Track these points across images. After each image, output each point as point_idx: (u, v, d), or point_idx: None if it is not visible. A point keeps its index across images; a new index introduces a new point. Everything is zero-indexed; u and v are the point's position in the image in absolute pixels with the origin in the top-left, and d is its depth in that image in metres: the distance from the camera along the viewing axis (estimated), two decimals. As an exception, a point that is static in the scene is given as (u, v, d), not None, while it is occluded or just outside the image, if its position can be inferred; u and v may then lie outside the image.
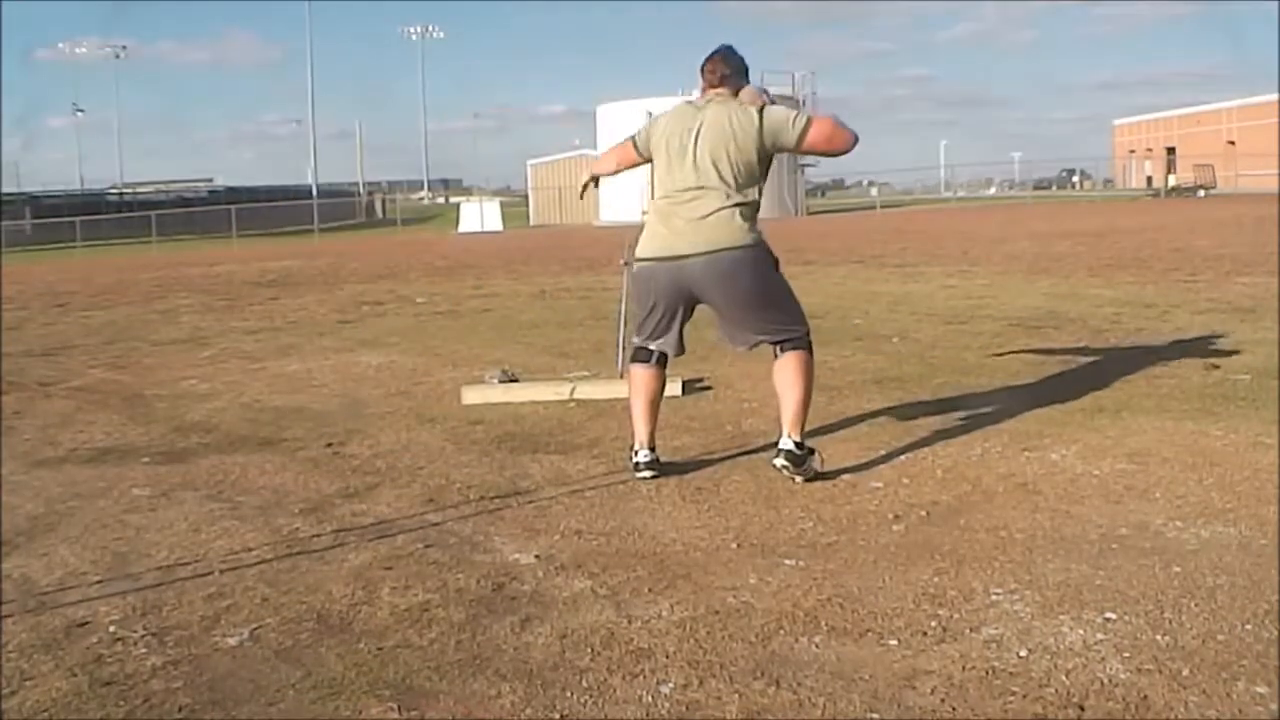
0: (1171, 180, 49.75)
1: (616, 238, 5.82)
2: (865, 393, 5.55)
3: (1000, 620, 2.69)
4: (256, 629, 2.80)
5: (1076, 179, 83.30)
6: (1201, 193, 44.31)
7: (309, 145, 74.23)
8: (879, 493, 3.82)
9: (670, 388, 4.50)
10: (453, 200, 71.74)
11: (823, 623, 2.70)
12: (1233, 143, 59.51)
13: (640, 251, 4.08)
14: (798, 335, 4.00)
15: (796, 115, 3.98)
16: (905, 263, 14.89)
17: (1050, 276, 11.74)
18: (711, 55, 4.09)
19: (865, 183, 73.69)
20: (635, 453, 4.11)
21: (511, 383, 5.93)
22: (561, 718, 2.29)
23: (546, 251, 22.36)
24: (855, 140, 3.99)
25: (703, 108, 4.03)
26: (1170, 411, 4.85)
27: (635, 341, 4.17)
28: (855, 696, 2.32)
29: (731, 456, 4.39)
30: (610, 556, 3.26)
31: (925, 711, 2.25)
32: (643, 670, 2.48)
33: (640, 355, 4.14)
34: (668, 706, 2.31)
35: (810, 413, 4.03)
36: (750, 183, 3.94)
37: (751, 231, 3.93)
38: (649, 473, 4.05)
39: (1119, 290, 10.08)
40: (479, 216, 42.98)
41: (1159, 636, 2.56)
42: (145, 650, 2.68)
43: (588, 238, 26.95)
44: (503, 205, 47.98)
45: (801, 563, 3.14)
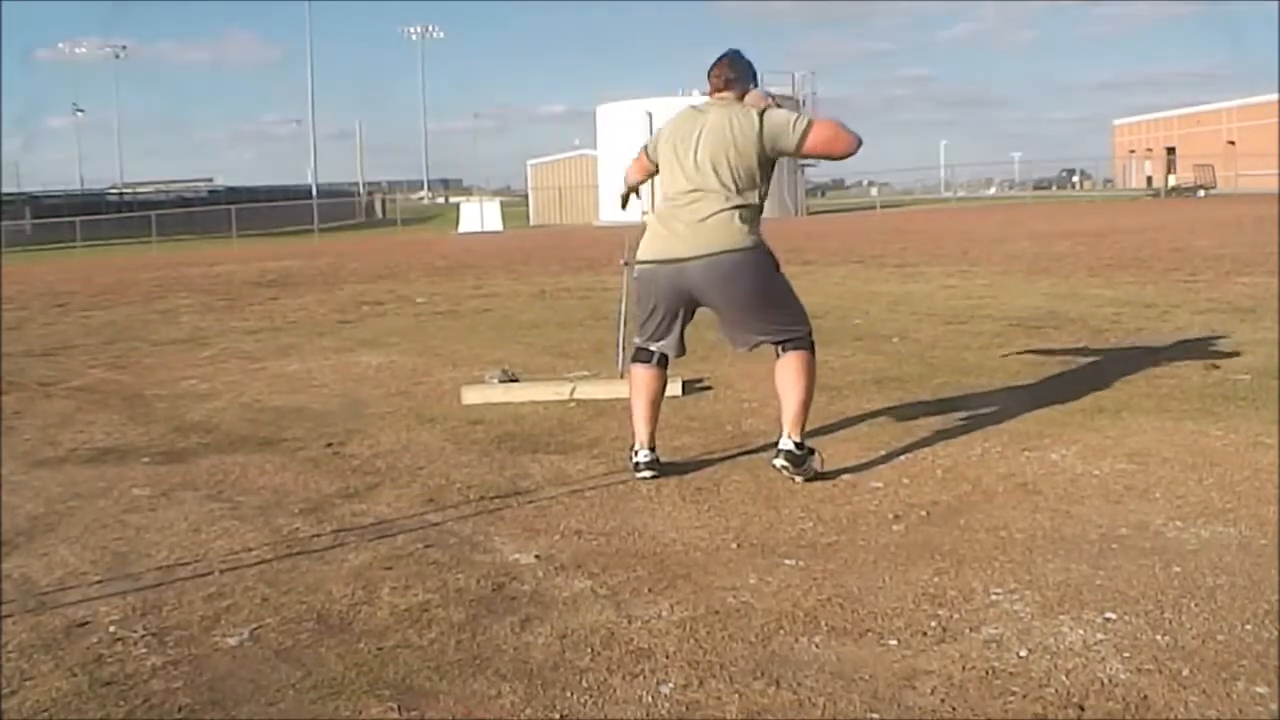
0: (1171, 180, 49.74)
1: (616, 238, 5.82)
2: (865, 393, 5.55)
3: (1000, 620, 2.69)
4: (256, 629, 2.80)
5: (1076, 179, 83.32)
6: (1201, 193, 44.31)
7: (309, 145, 74.30)
8: (879, 493, 3.82)
9: (670, 388, 4.50)
10: (453, 200, 71.72)
11: (823, 623, 2.70)
12: (1233, 143, 59.52)
13: (641, 254, 4.08)
14: (799, 335, 4.01)
15: (797, 119, 3.96)
16: (905, 263, 14.89)
17: (1050, 276, 11.74)
18: (718, 60, 4.10)
19: (865, 183, 73.76)
20: (635, 453, 4.11)
21: (511, 383, 5.93)
22: (561, 718, 2.29)
23: (546, 251, 22.36)
24: (858, 144, 3.97)
25: (705, 112, 4.03)
26: (1170, 411, 4.85)
27: (636, 342, 4.17)
28: (855, 696, 2.32)
29: (731, 456, 4.39)
30: (610, 556, 3.26)
31: (925, 711, 2.25)
32: (643, 670, 2.48)
33: (641, 356, 4.15)
34: (668, 706, 2.31)
35: (810, 413, 4.03)
36: (750, 186, 3.94)
37: (751, 234, 3.92)
38: (649, 473, 4.06)
39: (1119, 290, 10.08)
40: (479, 216, 42.98)
41: (1159, 636, 2.56)
42: (145, 650, 2.68)
43: (588, 238, 26.95)
44: (503, 205, 47.96)
45: (801, 563, 3.15)
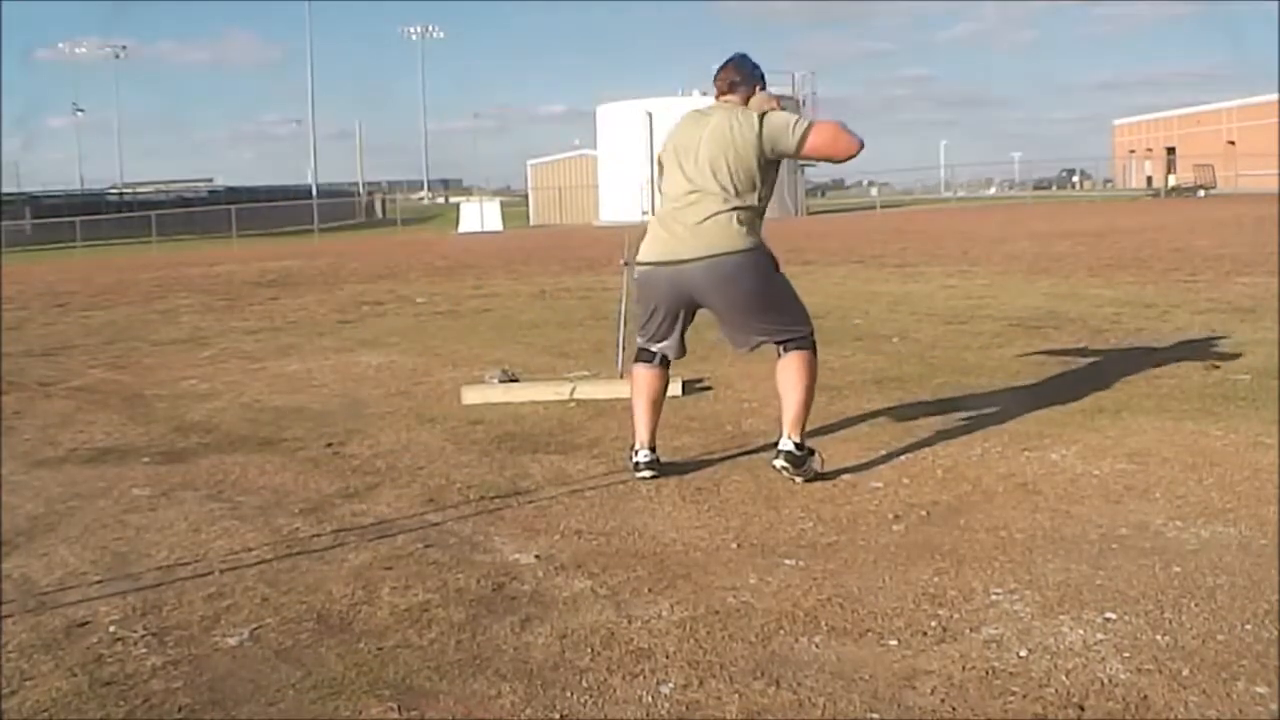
0: (1171, 180, 49.75)
1: (616, 238, 5.83)
2: (865, 393, 5.55)
3: (1000, 620, 2.69)
4: (256, 629, 2.80)
5: (1076, 179, 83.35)
6: (1201, 193, 44.32)
7: (309, 145, 74.29)
8: (879, 493, 3.82)
9: (670, 388, 4.50)
10: (453, 200, 71.72)
11: (823, 623, 2.70)
12: (1233, 143, 59.52)
13: (641, 255, 4.09)
14: (800, 335, 4.00)
15: (797, 121, 3.93)
16: (905, 263, 14.89)
17: (1050, 276, 11.74)
18: (724, 64, 4.10)
19: (865, 183, 73.73)
20: (635, 452, 4.11)
21: (511, 383, 5.93)
22: (561, 718, 2.29)
23: (546, 251, 22.36)
24: (859, 147, 3.93)
25: (709, 115, 4.03)
26: (1170, 411, 4.85)
27: (639, 342, 4.18)
28: (855, 696, 2.32)
29: (731, 456, 4.39)
30: (610, 556, 3.26)
31: (925, 711, 2.25)
32: (643, 670, 2.48)
33: (643, 356, 4.16)
34: (668, 706, 2.31)
35: (811, 413, 4.03)
36: (750, 188, 3.92)
37: (749, 235, 3.91)
38: (649, 473, 4.06)
39: (1119, 290, 10.08)
40: (479, 216, 42.99)
41: (1159, 636, 2.56)
42: (145, 650, 2.68)
43: (588, 238, 26.97)
44: (503, 205, 47.96)
45: (801, 563, 3.15)
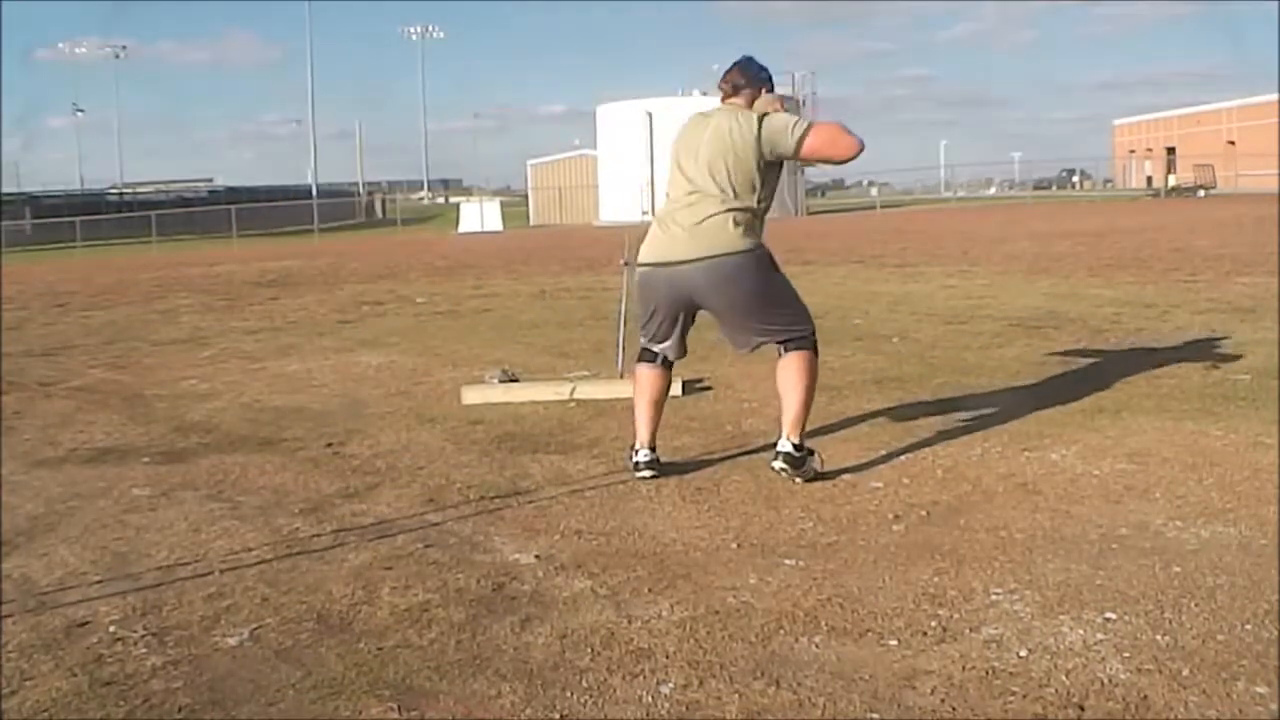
0: (1171, 180, 49.74)
1: (616, 238, 5.83)
2: (865, 393, 5.55)
3: (1000, 620, 2.69)
4: (256, 629, 2.80)
5: (1076, 179, 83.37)
6: (1201, 193, 44.31)
7: (309, 145, 74.22)
8: (879, 493, 3.82)
9: (671, 387, 4.50)
10: (453, 200, 71.71)
11: (823, 623, 2.70)
12: (1233, 143, 59.52)
13: (641, 257, 4.09)
14: (801, 335, 4.00)
15: (796, 122, 3.91)
16: (905, 263, 14.89)
17: (1050, 276, 11.74)
18: (730, 67, 4.10)
19: (865, 183, 73.67)
20: (635, 452, 4.11)
21: (511, 383, 5.94)
22: (561, 718, 2.29)
23: (546, 251, 22.36)
24: (858, 148, 3.91)
25: (712, 117, 4.03)
26: (1170, 411, 4.85)
27: (641, 342, 4.18)
28: (855, 696, 2.32)
29: (731, 456, 4.39)
30: (610, 556, 3.26)
31: (925, 711, 2.25)
32: (643, 670, 2.48)
33: (646, 356, 4.16)
34: (668, 706, 2.31)
35: (811, 413, 4.03)
36: (749, 190, 3.91)
37: (747, 236, 3.90)
38: (649, 473, 4.06)
39: (1119, 290, 10.08)
40: (479, 216, 42.98)
41: (1159, 636, 2.56)
42: (145, 650, 2.68)
43: (588, 238, 26.97)
44: (503, 205, 47.95)
45: (801, 563, 3.14)
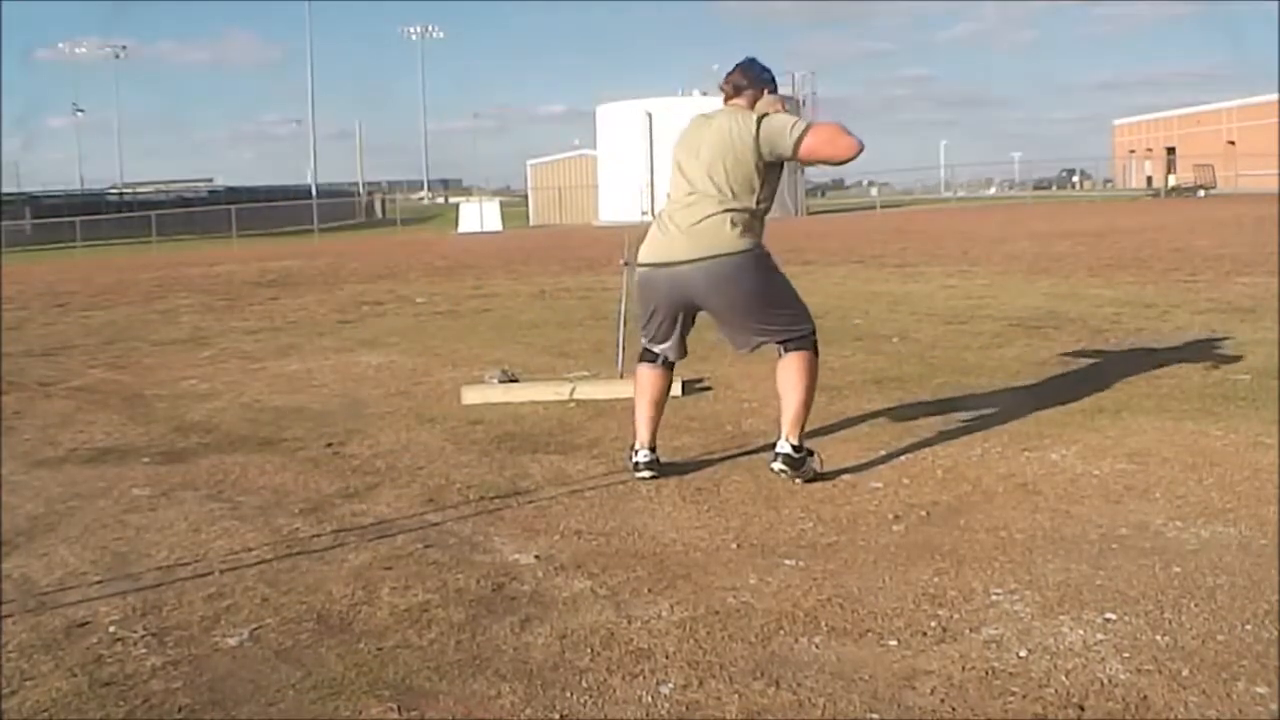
0: (1171, 180, 49.74)
1: (616, 238, 5.83)
2: (865, 393, 5.55)
3: (1000, 620, 2.69)
4: (256, 629, 2.80)
5: (1076, 179, 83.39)
6: (1201, 193, 44.31)
7: (309, 145, 74.18)
8: (879, 493, 3.82)
9: (671, 388, 4.50)
10: (452, 200, 71.69)
11: (823, 623, 2.70)
12: (1233, 143, 59.53)
13: (640, 257, 4.09)
14: (801, 334, 3.99)
15: (795, 123, 3.90)
16: (905, 263, 14.89)
17: (1050, 276, 11.74)
18: (733, 68, 4.10)
19: (865, 183, 73.66)
20: (635, 452, 4.11)
21: (511, 383, 5.94)
22: (561, 718, 2.29)
23: (546, 251, 22.36)
24: (857, 149, 3.88)
25: (713, 118, 4.03)
26: (1170, 411, 4.85)
27: (642, 342, 4.18)
28: (855, 696, 2.32)
29: (731, 456, 4.39)
30: (610, 556, 3.26)
31: (925, 711, 2.25)
32: (643, 670, 2.48)
33: (646, 356, 4.17)
34: (668, 706, 2.31)
35: (811, 413, 4.03)
36: (747, 190, 3.90)
37: (744, 237, 3.89)
38: (648, 473, 4.06)
39: (1119, 290, 10.08)
40: (479, 217, 42.97)
41: (1159, 636, 2.56)
42: (145, 650, 2.68)
43: (588, 238, 26.97)
44: (502, 205, 47.94)
45: (801, 563, 3.14)
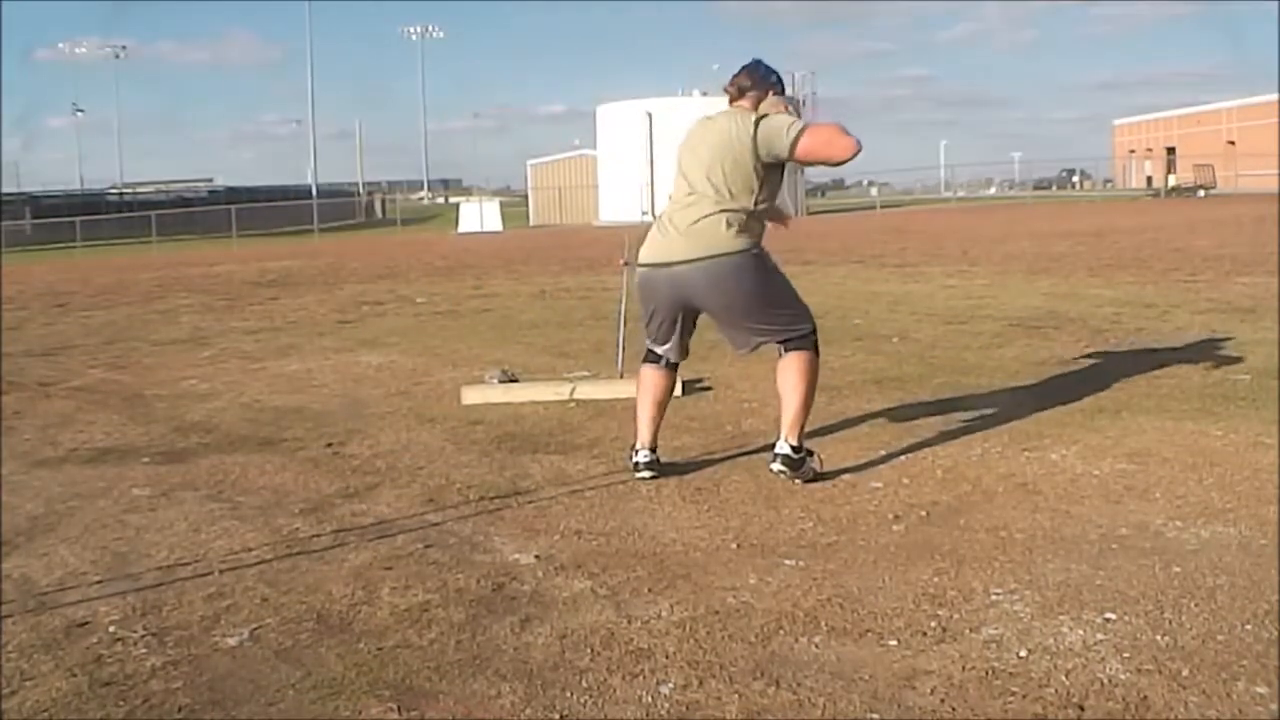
0: (1171, 180, 49.74)
1: (616, 238, 5.83)
2: (865, 393, 5.55)
3: (1000, 620, 2.69)
4: (256, 629, 2.80)
5: (1076, 179, 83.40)
6: (1201, 193, 44.30)
7: (309, 145, 74.10)
8: (879, 493, 3.82)
9: (674, 389, 4.50)
10: (452, 200, 71.69)
11: (823, 623, 2.70)
12: (1233, 143, 59.50)
13: (640, 258, 4.09)
14: (801, 334, 3.99)
15: (792, 124, 3.88)
16: (905, 263, 14.89)
17: (1050, 276, 11.74)
18: (739, 70, 4.09)
19: (865, 183, 73.67)
20: (635, 452, 4.11)
21: (511, 383, 5.94)
22: (561, 718, 2.29)
23: (546, 251, 22.36)
24: (854, 150, 3.85)
25: (715, 120, 4.03)
26: (1170, 411, 4.85)
27: (646, 343, 4.18)
28: (855, 696, 2.32)
29: (731, 456, 4.39)
30: (610, 556, 3.26)
31: (925, 711, 2.25)
32: (643, 670, 2.48)
33: (650, 357, 4.17)
34: (668, 706, 2.31)
35: (811, 413, 4.03)
36: (745, 191, 3.89)
37: (740, 237, 3.88)
38: (648, 473, 4.06)
39: (1119, 290, 10.08)
40: (479, 217, 42.96)
41: (1159, 636, 2.56)
42: (145, 650, 2.68)
43: (588, 238, 26.98)
44: (502, 205, 47.93)
45: (801, 563, 3.15)
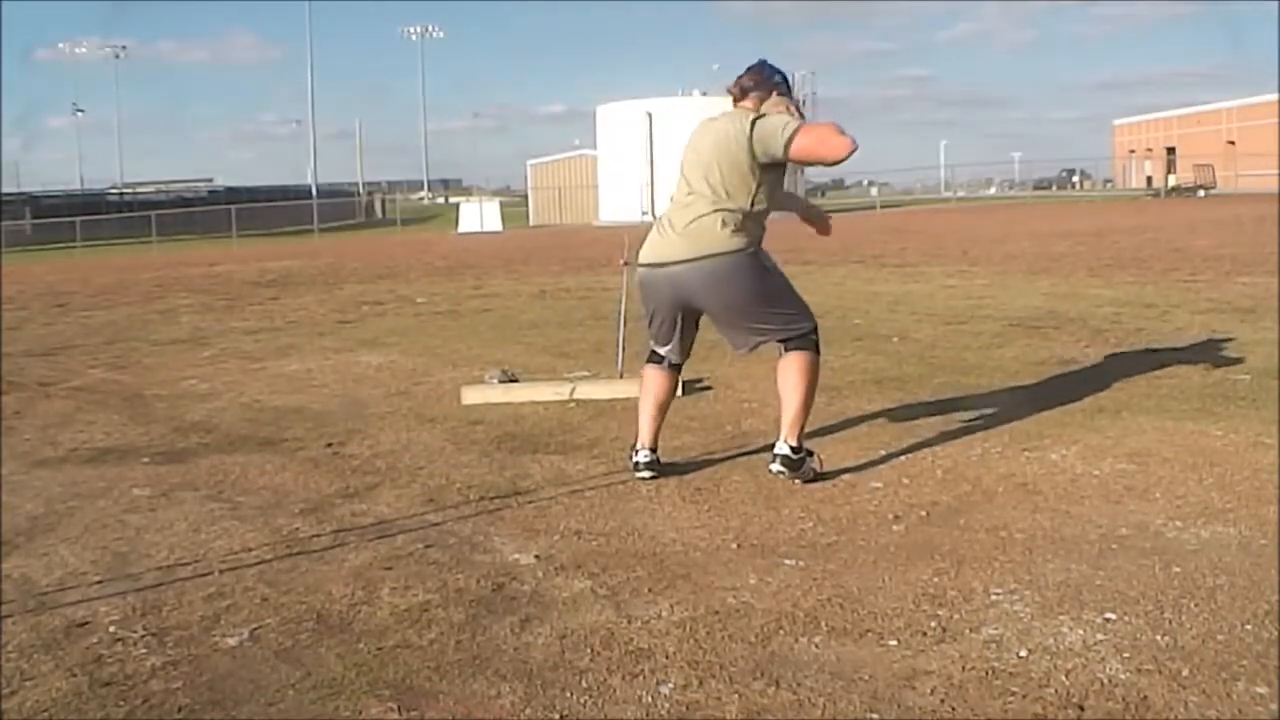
0: (1171, 180, 49.74)
1: (616, 238, 5.83)
2: (865, 393, 5.55)
3: (1000, 620, 2.69)
4: (256, 629, 2.80)
5: (1076, 179, 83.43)
6: (1201, 193, 44.30)
7: (309, 145, 73.99)
8: (879, 493, 3.82)
9: (676, 390, 4.50)
10: (452, 200, 71.69)
11: (823, 623, 2.70)
12: (1233, 143, 59.51)
13: (640, 258, 4.09)
14: (801, 333, 3.98)
15: (787, 124, 3.86)
16: (905, 263, 14.88)
17: (1050, 276, 11.74)
18: (744, 71, 4.09)
19: (865, 183, 73.68)
20: (636, 452, 4.11)
21: (511, 383, 5.94)
22: (561, 718, 2.29)
23: (546, 251, 22.36)
24: (850, 149, 3.81)
25: (718, 120, 4.03)
26: (1170, 411, 4.85)
27: (650, 344, 4.19)
28: (855, 696, 2.32)
29: (731, 456, 4.39)
30: (610, 556, 3.26)
31: (925, 711, 2.25)
32: (643, 670, 2.48)
33: (652, 357, 4.17)
34: (668, 706, 2.31)
35: (810, 413, 4.02)
36: (742, 191, 3.88)
37: (736, 236, 3.87)
38: (648, 473, 4.06)
39: (1119, 290, 10.08)
40: (479, 217, 42.96)
41: (1159, 636, 2.56)
42: (145, 650, 2.68)
43: (588, 238, 26.98)
44: (502, 205, 47.92)
45: (801, 563, 3.14)
